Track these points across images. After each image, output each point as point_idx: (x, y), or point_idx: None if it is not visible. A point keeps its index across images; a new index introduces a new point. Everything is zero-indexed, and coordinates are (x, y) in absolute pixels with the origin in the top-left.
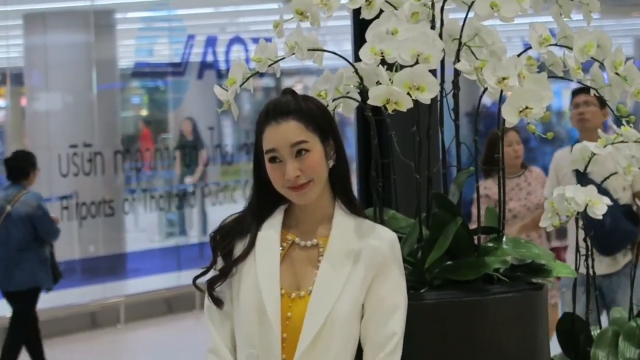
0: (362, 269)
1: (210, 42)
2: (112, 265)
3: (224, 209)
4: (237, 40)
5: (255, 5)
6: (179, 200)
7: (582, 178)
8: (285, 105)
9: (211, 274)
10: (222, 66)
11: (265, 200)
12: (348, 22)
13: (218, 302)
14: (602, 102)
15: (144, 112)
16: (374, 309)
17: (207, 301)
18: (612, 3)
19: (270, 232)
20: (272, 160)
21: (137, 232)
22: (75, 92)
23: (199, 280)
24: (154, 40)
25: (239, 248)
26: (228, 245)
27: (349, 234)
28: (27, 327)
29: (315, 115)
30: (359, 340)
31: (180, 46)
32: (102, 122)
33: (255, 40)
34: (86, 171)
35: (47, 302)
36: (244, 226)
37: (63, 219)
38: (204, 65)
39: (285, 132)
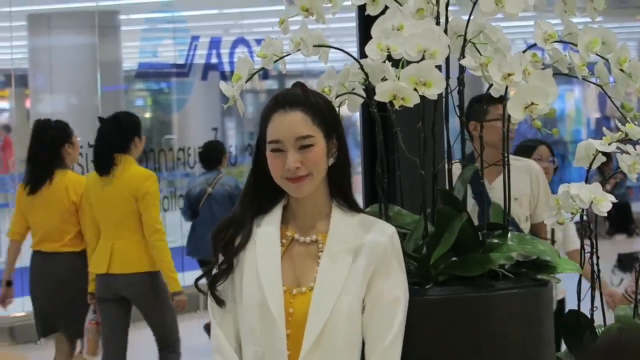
0: (362, 263)
1: (214, 43)
2: None
3: None
4: (241, 41)
5: (260, 7)
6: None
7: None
8: (293, 96)
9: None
10: (227, 67)
11: (262, 192)
12: (352, 24)
13: (220, 302)
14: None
15: (149, 113)
16: (375, 302)
17: (210, 300)
18: (615, 5)
19: (270, 229)
20: (275, 150)
21: None
22: (79, 94)
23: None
24: (158, 41)
25: (237, 243)
26: (228, 241)
27: (347, 230)
28: None
29: (322, 110)
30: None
31: (184, 47)
32: None
33: (259, 42)
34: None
35: None
36: (240, 220)
37: None
38: (208, 67)
39: (292, 124)
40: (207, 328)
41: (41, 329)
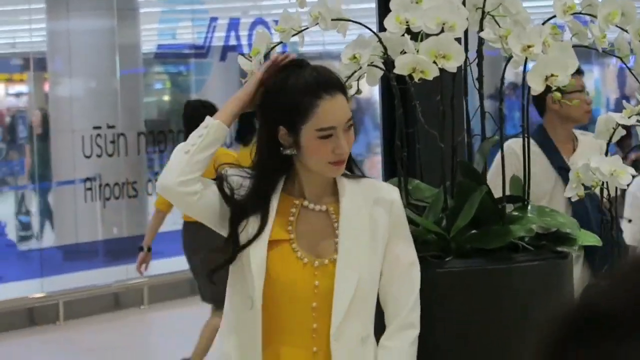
0: (380, 228)
1: (233, 25)
2: (136, 247)
3: None
4: (259, 22)
5: None
6: None
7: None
8: (333, 79)
9: None
10: (245, 49)
11: (274, 170)
12: (370, 5)
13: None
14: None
15: (167, 94)
16: (392, 268)
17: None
18: None
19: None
20: (326, 137)
21: None
22: (98, 77)
23: None
24: (176, 23)
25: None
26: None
27: (356, 195)
28: None
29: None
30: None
31: (202, 29)
32: (125, 104)
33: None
34: (109, 152)
35: (72, 283)
36: (258, 201)
37: (86, 200)
38: (226, 48)
39: (342, 108)
40: None
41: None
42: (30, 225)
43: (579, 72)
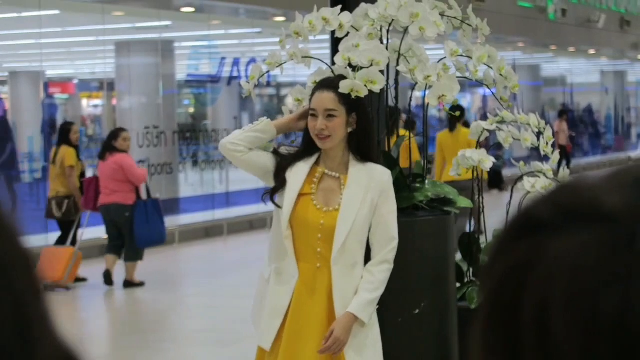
0: (371, 194)
1: (236, 62)
2: (171, 206)
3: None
4: (253, 60)
5: (265, 39)
6: (214, 164)
7: None
8: (329, 81)
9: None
10: (243, 78)
11: (309, 145)
12: (325, 51)
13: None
14: None
15: (193, 107)
16: (379, 222)
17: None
18: (493, 40)
19: (304, 164)
20: (312, 115)
21: (187, 185)
22: (148, 95)
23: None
24: (199, 60)
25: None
26: (282, 164)
27: (360, 173)
28: None
29: (346, 95)
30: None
31: (216, 65)
32: (165, 113)
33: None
34: (155, 144)
35: None
36: (290, 160)
37: None
38: (231, 78)
39: (323, 99)
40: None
41: None
42: None
43: None
